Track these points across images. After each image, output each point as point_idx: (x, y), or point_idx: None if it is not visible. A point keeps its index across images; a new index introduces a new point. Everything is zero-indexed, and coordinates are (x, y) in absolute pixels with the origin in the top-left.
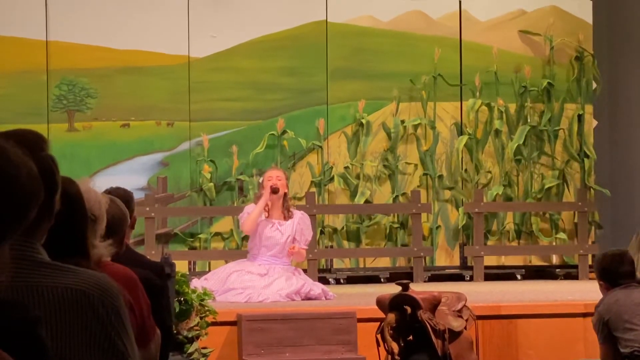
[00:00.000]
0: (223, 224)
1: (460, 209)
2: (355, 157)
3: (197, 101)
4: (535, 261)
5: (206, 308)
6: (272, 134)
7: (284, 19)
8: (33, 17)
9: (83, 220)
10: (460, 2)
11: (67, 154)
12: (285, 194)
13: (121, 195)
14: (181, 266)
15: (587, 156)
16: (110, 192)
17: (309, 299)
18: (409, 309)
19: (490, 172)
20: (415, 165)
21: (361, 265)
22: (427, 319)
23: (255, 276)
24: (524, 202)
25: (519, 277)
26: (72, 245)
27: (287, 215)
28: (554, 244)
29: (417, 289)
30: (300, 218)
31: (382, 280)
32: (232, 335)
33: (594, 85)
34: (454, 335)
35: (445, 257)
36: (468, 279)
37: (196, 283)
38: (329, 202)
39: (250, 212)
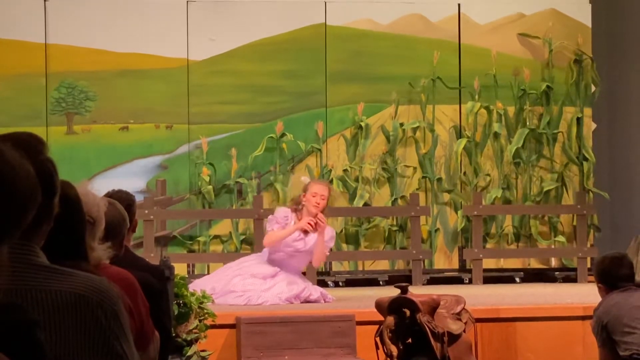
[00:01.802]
0: (222, 227)
1: (459, 212)
2: (354, 160)
3: (196, 104)
4: (534, 264)
5: (205, 311)
6: (271, 137)
7: (283, 22)
8: (32, 20)
9: (82, 223)
10: (459, 5)
11: (66, 156)
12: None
13: (123, 198)
14: (180, 269)
15: (586, 159)
16: (112, 195)
17: (308, 302)
18: (407, 312)
19: (489, 175)
20: (414, 168)
21: (360, 268)
22: (426, 321)
23: (258, 280)
24: (522, 205)
25: (517, 280)
26: (71, 248)
27: (314, 228)
28: (553, 247)
29: (416, 292)
30: (327, 232)
31: (380, 283)
32: (231, 338)
33: (593, 88)
34: (453, 338)
35: (444, 260)
36: (467, 281)
37: (198, 283)
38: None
39: (278, 231)
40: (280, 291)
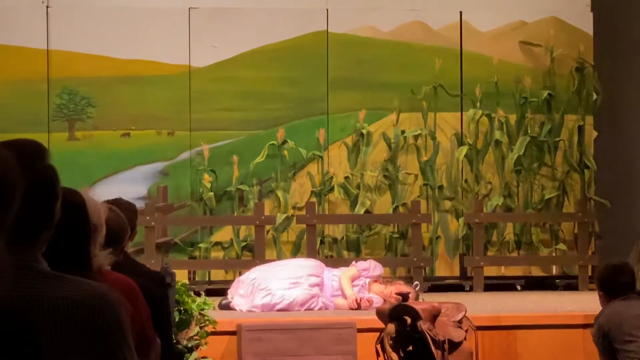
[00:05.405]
0: (223, 234)
1: (460, 220)
2: (355, 167)
3: (198, 111)
4: (535, 272)
5: (206, 317)
6: (273, 144)
7: (285, 29)
8: (34, 26)
9: (86, 231)
10: (460, 13)
11: (68, 163)
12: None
13: (125, 207)
14: (181, 275)
15: (587, 167)
16: (113, 204)
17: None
18: (408, 320)
19: (490, 182)
20: (416, 175)
21: None
22: (426, 329)
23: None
24: (524, 213)
25: (518, 287)
26: (74, 255)
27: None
28: (554, 254)
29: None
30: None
31: None
32: (231, 345)
33: (595, 96)
34: (454, 345)
35: (445, 268)
36: (468, 289)
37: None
38: (329, 212)
39: (349, 282)
40: (298, 294)
